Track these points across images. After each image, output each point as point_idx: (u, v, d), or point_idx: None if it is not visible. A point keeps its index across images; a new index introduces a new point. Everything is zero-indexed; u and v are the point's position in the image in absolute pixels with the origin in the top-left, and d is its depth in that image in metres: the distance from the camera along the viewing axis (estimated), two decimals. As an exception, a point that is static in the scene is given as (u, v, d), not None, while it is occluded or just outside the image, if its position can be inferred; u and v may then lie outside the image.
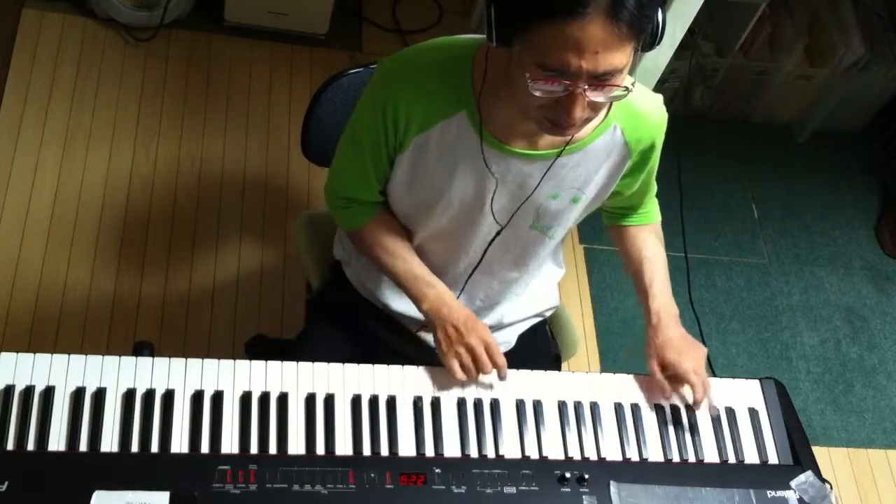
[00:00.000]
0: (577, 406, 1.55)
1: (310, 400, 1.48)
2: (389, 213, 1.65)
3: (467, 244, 1.63)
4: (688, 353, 1.60)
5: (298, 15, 3.04)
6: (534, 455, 1.50)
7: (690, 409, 1.59)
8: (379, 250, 1.63)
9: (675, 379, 1.59)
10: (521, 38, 1.23)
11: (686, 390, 1.60)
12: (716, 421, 1.59)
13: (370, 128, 1.48)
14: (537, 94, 1.24)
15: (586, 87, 1.23)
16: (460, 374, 1.52)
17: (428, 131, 1.45)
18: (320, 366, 1.52)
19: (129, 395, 1.42)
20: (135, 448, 1.38)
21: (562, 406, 1.55)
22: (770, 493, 1.51)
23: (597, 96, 1.24)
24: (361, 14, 3.25)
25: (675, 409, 1.59)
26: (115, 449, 1.38)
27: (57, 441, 1.37)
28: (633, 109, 1.47)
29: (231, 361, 1.49)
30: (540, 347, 1.90)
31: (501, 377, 1.54)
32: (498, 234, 1.59)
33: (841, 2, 3.24)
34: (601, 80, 1.23)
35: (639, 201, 1.72)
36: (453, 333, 1.54)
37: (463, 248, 1.65)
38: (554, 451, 1.51)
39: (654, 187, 1.72)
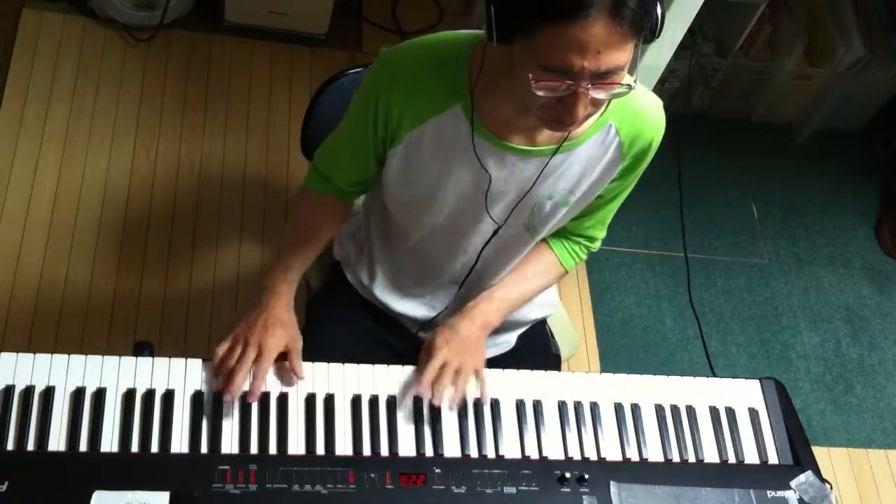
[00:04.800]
0: (577, 406, 1.55)
1: (310, 400, 1.48)
2: (341, 206, 1.66)
3: (464, 243, 1.63)
4: (456, 349, 1.55)
5: (298, 15, 3.04)
6: (534, 455, 1.50)
7: (691, 410, 1.59)
8: (299, 215, 1.65)
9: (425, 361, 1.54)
10: (523, 38, 1.23)
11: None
12: (716, 421, 1.59)
13: (361, 117, 1.49)
14: (540, 93, 1.24)
15: (589, 85, 1.23)
16: (214, 363, 1.46)
17: (422, 126, 1.45)
18: (320, 366, 1.52)
19: (129, 395, 1.42)
20: (135, 448, 1.38)
21: (562, 406, 1.55)
22: (770, 493, 1.51)
23: (599, 94, 1.25)
24: (361, 14, 3.25)
25: (675, 409, 1.59)
26: (115, 449, 1.38)
27: (57, 441, 1.37)
28: (631, 109, 1.47)
29: (231, 361, 1.49)
30: (540, 347, 1.90)
31: (252, 394, 1.46)
32: (495, 233, 1.58)
33: (841, 2, 3.23)
34: (603, 78, 1.23)
35: (587, 231, 1.70)
36: (252, 321, 1.50)
37: (460, 248, 1.64)
38: (554, 451, 1.51)
39: (605, 228, 1.70)
